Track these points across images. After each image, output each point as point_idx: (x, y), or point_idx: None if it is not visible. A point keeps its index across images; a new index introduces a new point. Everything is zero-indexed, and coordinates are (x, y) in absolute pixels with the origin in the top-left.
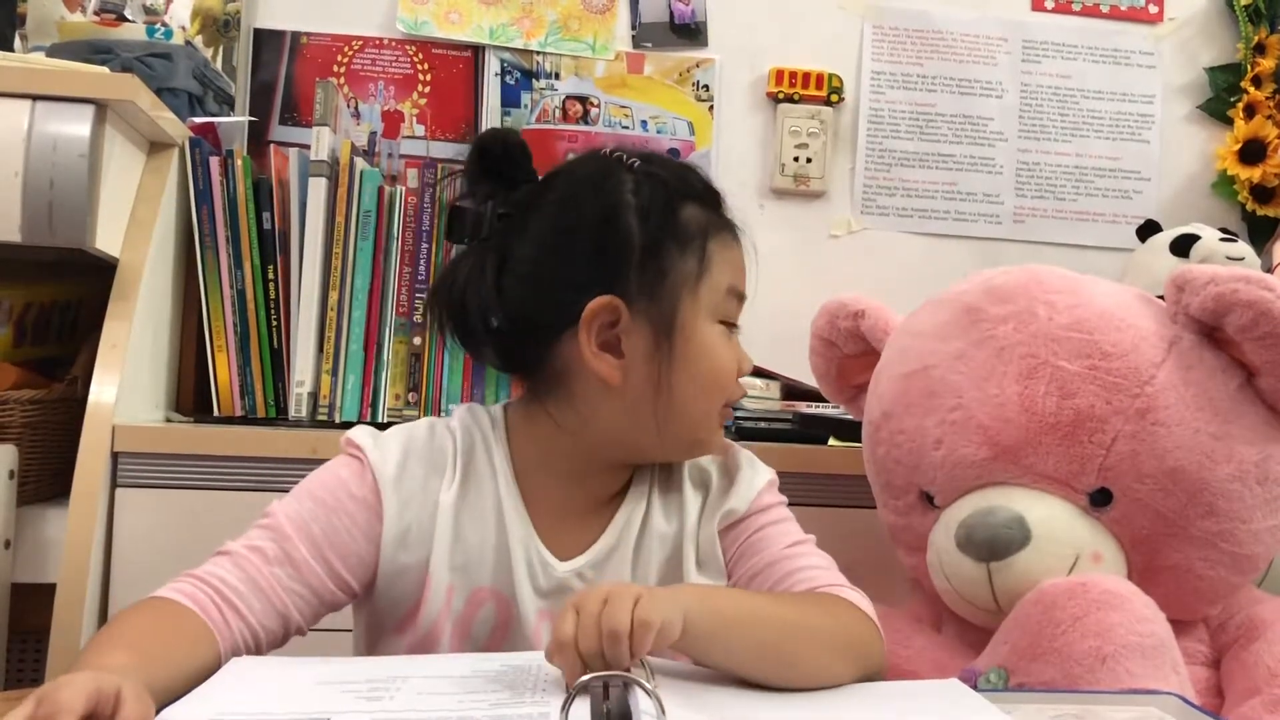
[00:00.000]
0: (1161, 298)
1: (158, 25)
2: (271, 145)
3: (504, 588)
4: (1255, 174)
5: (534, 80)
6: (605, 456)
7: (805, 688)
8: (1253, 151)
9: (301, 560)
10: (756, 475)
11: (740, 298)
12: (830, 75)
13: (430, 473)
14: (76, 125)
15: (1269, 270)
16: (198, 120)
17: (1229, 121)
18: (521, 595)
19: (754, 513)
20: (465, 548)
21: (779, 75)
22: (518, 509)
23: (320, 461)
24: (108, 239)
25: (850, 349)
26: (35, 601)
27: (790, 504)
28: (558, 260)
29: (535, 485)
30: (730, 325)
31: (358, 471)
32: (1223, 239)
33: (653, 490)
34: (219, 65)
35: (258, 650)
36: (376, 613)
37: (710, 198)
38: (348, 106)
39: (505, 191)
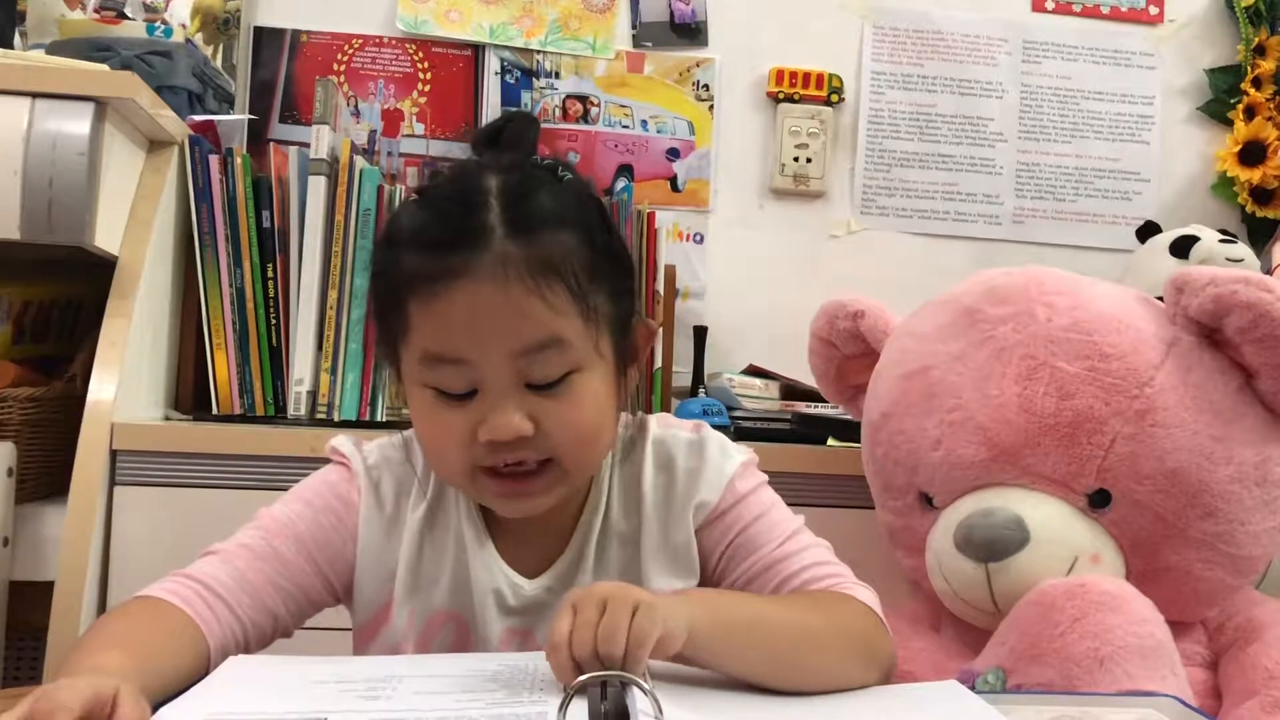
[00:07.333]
0: (1161, 299)
1: (158, 23)
2: (271, 143)
3: (463, 610)
4: (1255, 176)
5: (534, 79)
6: None
7: (817, 692)
8: (1252, 153)
9: (289, 558)
10: (728, 461)
11: (449, 361)
12: (830, 75)
13: (400, 491)
14: (76, 123)
15: (1268, 272)
16: (197, 118)
17: (1229, 123)
18: (485, 619)
19: (732, 505)
20: (423, 571)
21: (779, 75)
22: (477, 533)
23: (319, 460)
24: (107, 237)
25: (849, 349)
26: (33, 599)
27: (789, 505)
28: None
29: None
30: (448, 394)
31: (345, 476)
32: (1222, 240)
33: (611, 485)
34: (219, 63)
35: (246, 647)
36: (355, 619)
37: (433, 236)
38: (347, 105)
39: None
